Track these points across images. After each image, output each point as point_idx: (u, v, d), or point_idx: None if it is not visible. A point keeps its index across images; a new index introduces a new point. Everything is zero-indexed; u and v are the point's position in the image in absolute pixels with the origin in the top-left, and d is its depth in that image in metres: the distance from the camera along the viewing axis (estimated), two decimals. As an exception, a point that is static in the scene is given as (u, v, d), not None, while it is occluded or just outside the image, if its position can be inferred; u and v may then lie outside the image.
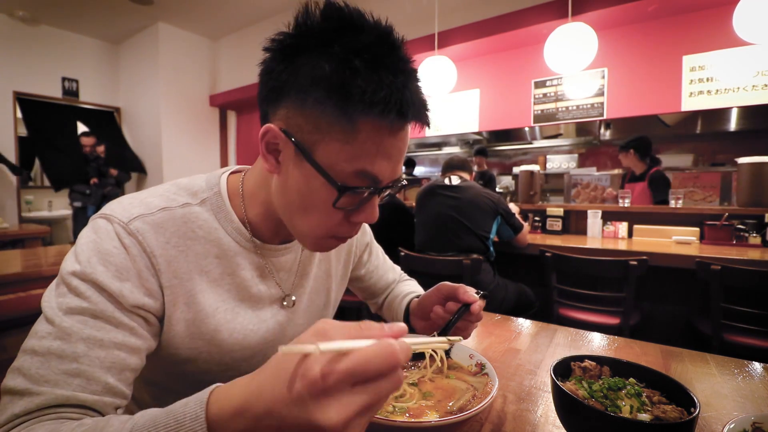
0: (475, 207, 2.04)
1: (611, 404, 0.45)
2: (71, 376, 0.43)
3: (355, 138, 0.46)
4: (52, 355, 0.43)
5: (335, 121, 0.45)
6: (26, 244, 3.16)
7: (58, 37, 4.91)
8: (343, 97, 0.44)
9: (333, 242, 0.55)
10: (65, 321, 0.45)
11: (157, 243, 0.51)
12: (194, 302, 0.54)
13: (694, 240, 2.25)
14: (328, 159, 0.47)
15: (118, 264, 0.48)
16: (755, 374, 0.67)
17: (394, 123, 0.46)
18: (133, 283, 0.49)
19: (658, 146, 4.69)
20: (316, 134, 0.47)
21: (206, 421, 0.34)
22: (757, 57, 2.50)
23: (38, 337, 0.44)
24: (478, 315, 0.65)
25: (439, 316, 0.66)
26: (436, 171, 6.62)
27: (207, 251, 0.56)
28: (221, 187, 0.59)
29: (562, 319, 1.93)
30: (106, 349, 0.45)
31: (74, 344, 0.44)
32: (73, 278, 0.47)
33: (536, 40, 3.14)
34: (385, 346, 0.31)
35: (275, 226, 0.60)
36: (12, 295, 1.68)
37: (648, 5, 2.64)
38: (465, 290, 0.65)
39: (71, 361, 0.43)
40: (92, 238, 0.49)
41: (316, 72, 0.45)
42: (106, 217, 0.51)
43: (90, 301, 0.46)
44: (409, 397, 0.51)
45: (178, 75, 5.00)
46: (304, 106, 0.47)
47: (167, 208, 0.54)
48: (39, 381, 0.42)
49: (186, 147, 5.12)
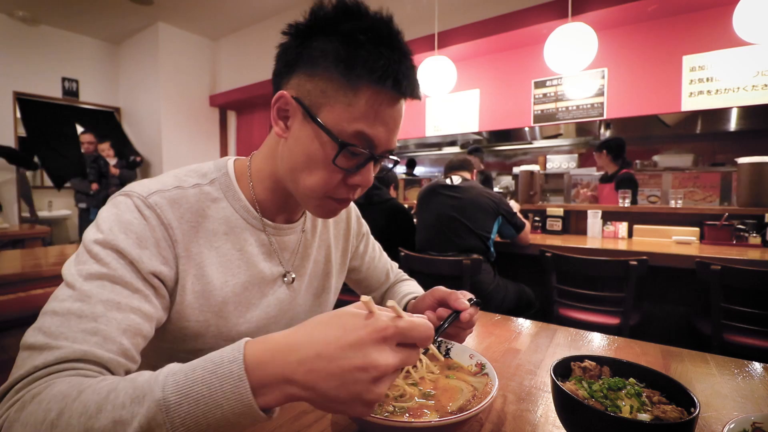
0: (477, 207, 2.04)
1: (611, 404, 0.45)
2: (89, 334, 0.44)
3: (356, 102, 0.53)
4: (71, 315, 0.44)
5: (340, 87, 0.53)
6: (26, 244, 3.16)
7: (58, 37, 4.91)
8: (347, 65, 0.52)
9: (332, 204, 0.60)
10: (85, 285, 0.47)
11: (174, 216, 0.55)
12: (204, 275, 0.58)
13: (694, 240, 2.25)
14: (332, 120, 0.53)
15: (138, 233, 0.52)
16: (755, 374, 0.67)
17: (390, 92, 0.53)
18: (152, 252, 0.52)
19: (658, 146, 4.70)
20: (322, 98, 0.54)
21: (244, 362, 0.35)
22: (757, 57, 2.50)
23: (59, 300, 0.46)
24: (469, 323, 0.65)
25: (430, 320, 0.66)
26: (436, 171, 6.61)
27: (216, 228, 0.60)
28: (228, 169, 0.65)
29: (562, 319, 1.93)
30: (123, 312, 0.47)
31: (93, 306, 0.45)
32: (94, 245, 0.49)
33: (536, 40, 3.14)
34: (426, 322, 0.39)
35: (281, 200, 0.65)
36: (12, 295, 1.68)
37: (648, 5, 2.64)
38: (457, 297, 0.65)
39: (90, 321, 0.45)
40: (113, 211, 0.53)
41: (326, 46, 0.53)
42: (125, 193, 0.55)
43: (110, 267, 0.48)
44: (409, 397, 0.51)
45: (178, 75, 5.00)
46: (313, 75, 0.54)
47: (180, 187, 0.58)
48: (58, 337, 0.43)
49: (186, 147, 5.12)
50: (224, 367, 0.36)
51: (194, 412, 0.34)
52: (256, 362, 0.36)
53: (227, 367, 0.35)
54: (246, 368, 0.35)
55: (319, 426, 0.52)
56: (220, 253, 0.60)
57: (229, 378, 0.35)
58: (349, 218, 0.84)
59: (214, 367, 0.36)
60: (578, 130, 4.92)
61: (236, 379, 0.35)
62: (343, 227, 0.83)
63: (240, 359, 0.36)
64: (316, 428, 0.52)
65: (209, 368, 0.36)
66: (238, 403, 0.35)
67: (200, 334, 0.59)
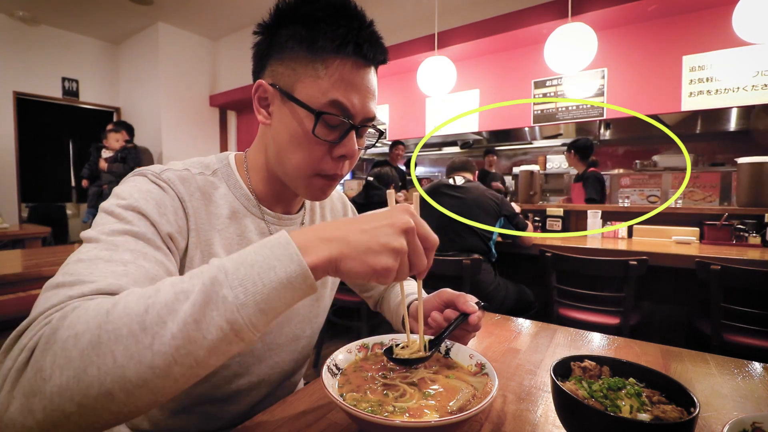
0: (479, 207, 2.04)
1: (611, 404, 0.45)
2: (120, 275, 0.43)
3: (324, 73, 0.55)
4: (99, 260, 0.44)
5: (308, 62, 0.56)
6: (26, 244, 3.16)
7: (58, 37, 4.91)
8: (310, 40, 0.55)
9: (321, 182, 0.61)
10: (110, 237, 0.47)
11: (186, 191, 0.58)
12: (210, 253, 0.60)
13: (693, 240, 2.25)
14: (306, 95, 0.56)
15: (158, 200, 0.54)
16: (755, 374, 0.67)
17: (354, 58, 0.55)
18: (169, 218, 0.54)
19: (658, 146, 4.70)
20: (294, 77, 0.57)
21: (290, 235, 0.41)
22: (757, 57, 2.50)
23: (83, 252, 0.45)
24: (476, 326, 0.65)
25: (436, 322, 0.65)
26: (436, 171, 6.61)
27: (220, 212, 0.63)
28: (230, 161, 0.68)
29: (562, 319, 1.93)
30: (150, 262, 0.47)
31: (121, 253, 0.45)
32: (116, 208, 0.50)
33: (536, 40, 3.14)
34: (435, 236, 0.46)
35: (276, 190, 0.67)
36: (12, 295, 1.68)
37: (648, 5, 2.64)
38: (465, 300, 0.65)
39: (119, 264, 0.44)
40: (131, 184, 0.55)
41: (290, 31, 0.57)
42: (139, 173, 0.57)
43: (134, 225, 0.49)
44: (409, 397, 0.51)
45: (178, 75, 5.00)
46: (282, 58, 0.58)
47: (188, 170, 0.61)
48: (89, 276, 0.41)
49: (186, 147, 5.12)
50: (273, 240, 0.40)
51: (250, 274, 0.37)
52: (299, 232, 0.42)
53: (275, 240, 0.40)
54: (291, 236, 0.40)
55: (319, 426, 0.52)
56: (224, 236, 0.62)
57: (278, 244, 0.39)
58: (346, 215, 0.86)
59: (263, 242, 0.40)
60: (578, 130, 4.92)
61: (285, 243, 0.39)
62: None
63: (285, 234, 0.41)
64: (316, 428, 0.52)
65: (258, 244, 0.40)
66: (289, 262, 0.38)
67: None
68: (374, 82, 0.60)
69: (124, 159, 4.16)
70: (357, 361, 0.61)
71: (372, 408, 0.48)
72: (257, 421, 0.54)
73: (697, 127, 4.36)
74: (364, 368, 0.58)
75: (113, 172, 4.10)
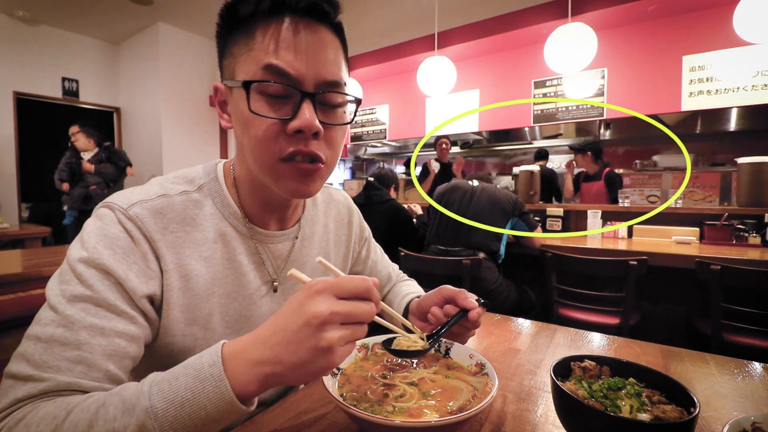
0: (491, 206, 2.06)
1: (611, 404, 0.44)
2: (73, 362, 0.43)
3: (253, 42, 0.51)
4: (55, 342, 0.44)
5: (239, 40, 0.52)
6: (26, 244, 3.16)
7: (58, 37, 4.91)
8: (233, 16, 0.52)
9: (290, 168, 0.53)
10: (68, 309, 0.45)
11: (156, 228, 0.53)
12: (190, 287, 0.56)
13: (693, 240, 2.25)
14: (244, 74, 0.52)
15: (125, 247, 0.50)
16: (755, 374, 0.67)
17: (277, 17, 0.50)
18: (139, 267, 0.51)
19: (658, 146, 4.70)
20: (233, 61, 0.53)
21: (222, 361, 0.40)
22: (757, 57, 2.50)
23: (42, 324, 0.45)
24: (476, 322, 0.64)
25: (436, 317, 0.65)
26: (436, 171, 6.60)
27: (205, 237, 0.58)
28: (218, 173, 0.62)
29: (562, 319, 1.93)
30: (107, 337, 0.46)
31: (77, 332, 0.45)
32: (79, 264, 0.48)
33: (536, 40, 3.14)
34: (361, 278, 0.42)
35: (264, 200, 0.62)
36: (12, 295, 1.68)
37: (648, 5, 2.64)
38: (466, 296, 0.65)
39: (74, 348, 0.44)
40: (98, 224, 0.51)
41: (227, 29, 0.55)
42: (107, 205, 0.53)
43: (93, 289, 0.47)
44: (409, 397, 0.51)
45: (178, 75, 5.00)
46: (225, 51, 0.55)
47: (165, 195, 0.56)
48: (42, 367, 0.43)
49: (186, 147, 5.12)
50: (205, 371, 0.39)
51: (180, 415, 0.38)
52: (232, 355, 0.40)
53: (208, 371, 0.39)
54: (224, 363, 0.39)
55: (319, 426, 0.52)
56: (209, 262, 0.58)
57: (210, 380, 0.39)
58: (351, 222, 0.82)
59: (195, 373, 0.39)
60: (578, 130, 4.92)
61: (216, 380, 0.39)
62: (344, 232, 0.80)
63: (219, 362, 0.39)
64: (316, 428, 0.52)
65: (191, 374, 0.39)
66: (220, 402, 0.38)
67: (187, 348, 0.56)
68: (328, 40, 0.53)
69: (109, 159, 4.04)
70: (357, 361, 0.61)
71: (372, 408, 0.48)
72: (257, 421, 0.54)
73: (697, 127, 4.36)
74: (364, 368, 0.58)
75: (101, 173, 3.98)
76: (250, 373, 0.39)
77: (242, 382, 0.39)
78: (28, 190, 4.86)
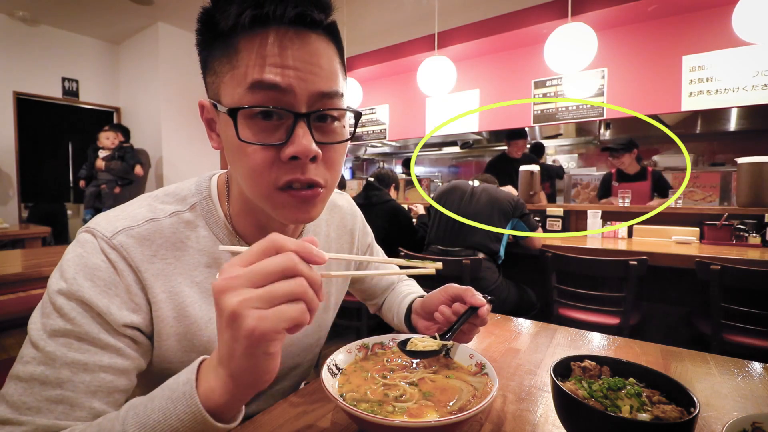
0: (492, 207, 2.06)
1: (611, 404, 0.44)
2: (54, 402, 0.42)
3: (237, 59, 0.45)
4: (35, 382, 0.42)
5: (221, 55, 0.47)
6: (26, 244, 3.16)
7: (58, 37, 4.91)
8: (213, 29, 0.47)
9: (288, 198, 0.48)
10: (49, 344, 0.43)
11: (143, 257, 0.50)
12: (185, 315, 0.53)
13: (693, 240, 2.25)
14: (230, 96, 0.46)
15: (106, 279, 0.47)
16: (755, 374, 0.67)
17: (260, 28, 0.45)
18: (122, 299, 0.48)
19: (658, 146, 4.70)
20: (216, 80, 0.48)
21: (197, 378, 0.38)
22: (757, 57, 2.50)
23: (23, 363, 0.44)
24: (484, 319, 0.64)
25: (444, 316, 0.65)
26: (436, 171, 6.62)
27: (198, 261, 0.54)
28: (211, 190, 0.58)
29: (562, 319, 1.93)
30: (91, 373, 0.44)
31: (58, 370, 0.43)
32: (58, 297, 0.45)
33: (536, 40, 3.14)
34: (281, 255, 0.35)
35: (259, 222, 0.57)
36: (12, 295, 1.68)
37: (648, 5, 2.64)
38: (473, 293, 0.65)
39: (55, 387, 0.43)
40: (78, 252, 0.48)
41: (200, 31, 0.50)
42: (90, 231, 0.50)
43: (74, 323, 0.44)
44: (409, 397, 0.51)
45: (178, 75, 5.00)
46: (206, 67, 0.50)
47: (154, 219, 0.52)
48: (21, 409, 0.42)
49: (186, 147, 5.11)
50: (179, 390, 0.38)
51: None
52: (207, 370, 0.39)
53: (181, 390, 0.38)
54: (198, 380, 0.38)
55: (319, 426, 0.52)
56: (203, 288, 0.54)
57: (182, 399, 0.38)
58: (354, 230, 0.79)
59: (169, 393, 0.39)
60: (578, 130, 4.92)
61: (188, 398, 0.37)
62: (347, 240, 0.77)
63: (192, 380, 0.38)
64: (316, 428, 0.52)
65: (166, 395, 0.39)
66: (192, 422, 0.37)
67: None
68: (321, 49, 0.47)
69: (122, 157, 4.22)
70: (357, 361, 0.61)
71: (372, 408, 0.48)
72: (257, 422, 0.54)
73: (697, 127, 4.36)
74: (364, 368, 0.58)
75: (111, 170, 4.17)
76: (222, 386, 0.37)
77: (215, 398, 0.37)
78: (28, 190, 4.85)
